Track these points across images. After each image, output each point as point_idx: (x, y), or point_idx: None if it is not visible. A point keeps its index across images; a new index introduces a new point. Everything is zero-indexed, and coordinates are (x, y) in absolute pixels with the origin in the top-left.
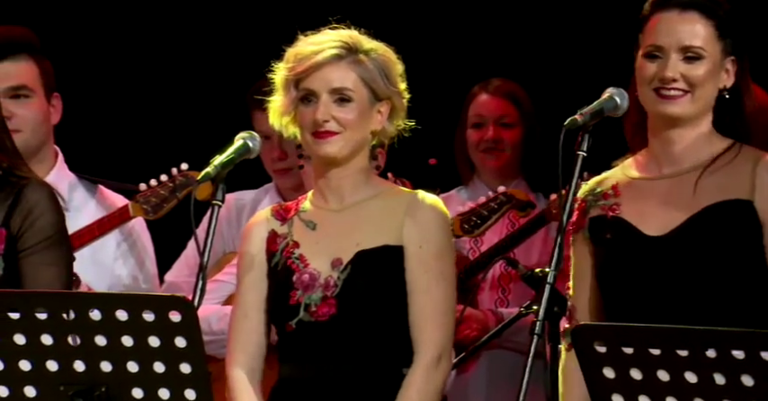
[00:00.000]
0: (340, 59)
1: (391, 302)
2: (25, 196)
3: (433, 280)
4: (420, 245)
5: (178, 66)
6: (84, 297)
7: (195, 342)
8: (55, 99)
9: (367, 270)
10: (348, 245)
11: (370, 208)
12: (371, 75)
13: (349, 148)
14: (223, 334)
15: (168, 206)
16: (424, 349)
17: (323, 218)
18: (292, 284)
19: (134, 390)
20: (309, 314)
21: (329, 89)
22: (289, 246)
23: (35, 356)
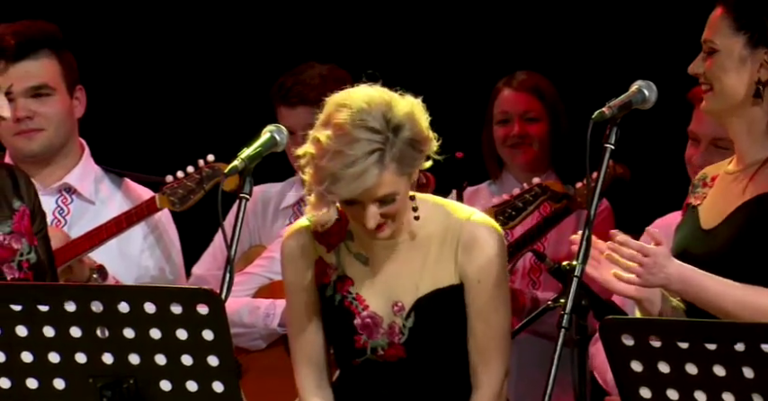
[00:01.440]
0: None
1: (457, 339)
2: (22, 178)
3: (492, 308)
4: (479, 279)
5: (206, 59)
6: (113, 289)
7: (223, 334)
8: (78, 92)
9: (431, 315)
10: (406, 287)
11: (421, 239)
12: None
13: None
14: (254, 327)
15: (195, 198)
16: (488, 379)
17: (374, 251)
18: (354, 328)
19: (162, 383)
20: (376, 356)
21: (373, 199)
22: (341, 282)
23: (64, 348)
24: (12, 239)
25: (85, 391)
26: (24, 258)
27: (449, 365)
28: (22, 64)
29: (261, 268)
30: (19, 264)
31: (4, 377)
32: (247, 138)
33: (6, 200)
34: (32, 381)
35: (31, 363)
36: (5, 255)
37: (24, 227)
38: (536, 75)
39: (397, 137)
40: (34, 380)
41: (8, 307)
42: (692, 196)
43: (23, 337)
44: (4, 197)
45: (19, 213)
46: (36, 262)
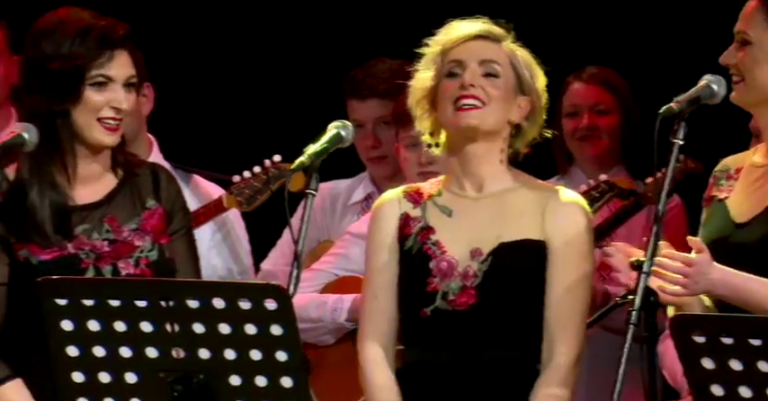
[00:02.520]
0: (493, 39)
1: (530, 295)
2: (164, 178)
3: (576, 279)
4: (566, 242)
5: (273, 57)
6: (183, 285)
7: (291, 330)
8: (147, 89)
9: (508, 262)
10: (488, 235)
11: (509, 199)
12: (520, 64)
13: (489, 124)
14: (321, 322)
15: (262, 198)
16: (564, 350)
17: (460, 205)
18: (429, 271)
19: (231, 377)
20: (447, 302)
21: (479, 60)
22: (424, 231)
23: (135, 343)
24: (135, 236)
25: (156, 385)
26: (144, 255)
27: (519, 322)
28: None
29: (328, 264)
30: (137, 261)
31: (77, 371)
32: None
33: (141, 197)
34: (105, 375)
35: (103, 357)
36: (124, 251)
37: (152, 226)
38: (606, 68)
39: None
40: (107, 374)
41: (81, 302)
42: (715, 189)
43: (96, 332)
44: (139, 195)
45: (150, 212)
46: (156, 261)
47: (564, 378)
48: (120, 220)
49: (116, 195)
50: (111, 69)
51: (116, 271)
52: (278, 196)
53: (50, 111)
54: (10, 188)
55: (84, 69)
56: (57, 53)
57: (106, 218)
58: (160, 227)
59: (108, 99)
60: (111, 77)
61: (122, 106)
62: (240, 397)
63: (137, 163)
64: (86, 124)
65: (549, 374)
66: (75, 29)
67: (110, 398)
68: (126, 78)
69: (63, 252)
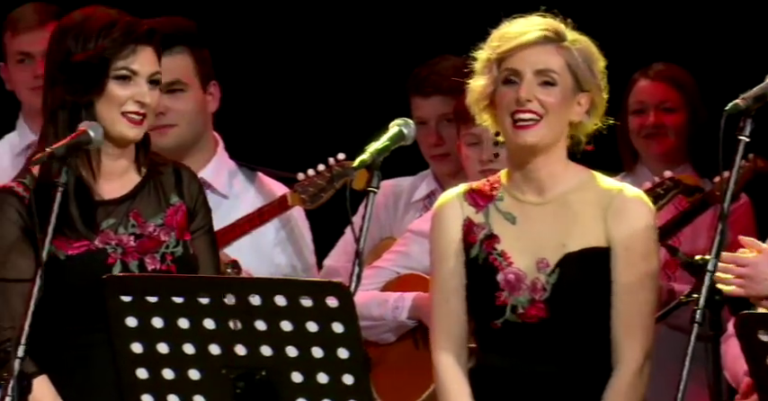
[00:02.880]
0: (547, 42)
1: (599, 304)
2: (186, 176)
3: (638, 281)
4: (627, 246)
5: (337, 55)
6: (245, 282)
7: (352, 327)
8: (212, 87)
9: (575, 273)
10: (552, 244)
11: (571, 202)
12: (577, 63)
13: (550, 136)
14: (382, 320)
15: (326, 196)
16: (631, 355)
17: (523, 211)
18: (497, 284)
19: (293, 374)
20: (516, 315)
21: (534, 70)
22: (488, 239)
23: (198, 340)
24: (161, 231)
25: (219, 382)
26: (170, 250)
27: (590, 332)
28: None
29: (389, 262)
30: (162, 256)
31: (141, 367)
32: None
33: (165, 194)
34: (169, 372)
35: (167, 354)
36: (150, 246)
37: (176, 222)
38: (673, 65)
39: (573, 45)
40: (170, 371)
41: (145, 299)
42: None
43: (160, 329)
44: (163, 191)
45: (174, 208)
46: (181, 256)
47: (632, 384)
48: (144, 216)
49: (140, 191)
50: (136, 63)
51: (142, 266)
52: (341, 194)
53: (75, 104)
54: (36, 183)
55: (108, 61)
56: (82, 46)
57: (131, 213)
58: (183, 224)
59: (132, 93)
60: (135, 71)
61: (146, 100)
62: (302, 394)
63: (160, 161)
64: (110, 117)
65: (617, 380)
66: (101, 23)
67: (173, 395)
68: (150, 74)
69: (90, 246)
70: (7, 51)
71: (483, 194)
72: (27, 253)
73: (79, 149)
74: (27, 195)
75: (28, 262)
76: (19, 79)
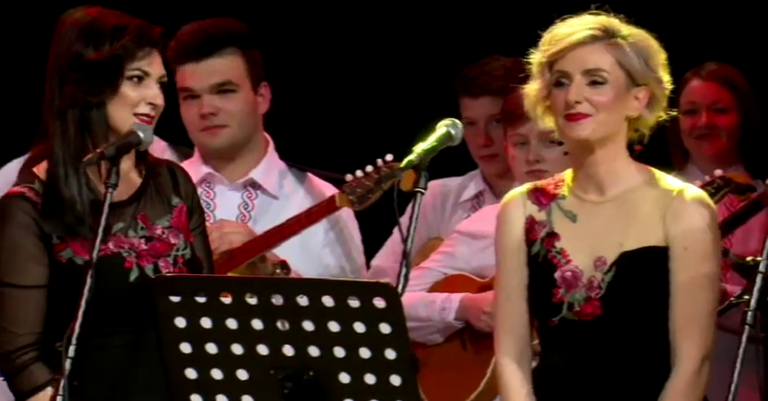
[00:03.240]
0: (595, 41)
1: (656, 304)
2: (181, 176)
3: (697, 282)
4: (685, 247)
5: (386, 56)
6: (292, 283)
7: (400, 328)
8: (263, 88)
9: (631, 272)
10: (610, 243)
11: (632, 201)
12: (628, 58)
13: (601, 132)
14: (430, 321)
15: (374, 197)
16: (688, 356)
17: (584, 209)
18: (554, 281)
19: (341, 375)
20: (573, 313)
21: (583, 70)
22: (549, 237)
23: (247, 340)
24: (170, 234)
25: (267, 382)
26: (180, 253)
27: (645, 332)
28: (207, 61)
29: (436, 263)
30: (174, 259)
31: (190, 367)
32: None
33: (166, 196)
34: (217, 372)
35: (215, 354)
36: (163, 249)
37: (182, 224)
38: (726, 65)
39: (625, 40)
40: (219, 371)
41: (193, 299)
42: None
43: (208, 329)
44: (163, 192)
45: (177, 209)
46: (190, 259)
47: (690, 385)
48: (151, 218)
49: (143, 193)
50: (148, 65)
51: (157, 270)
52: (389, 195)
53: (85, 103)
54: (44, 184)
55: (123, 62)
56: (95, 46)
57: (138, 215)
58: (187, 225)
59: (143, 95)
60: (147, 73)
61: (157, 102)
62: (349, 395)
63: (155, 161)
64: (122, 118)
65: (675, 381)
66: (112, 23)
67: (222, 395)
68: (160, 76)
69: (106, 250)
70: None
71: (546, 193)
72: (41, 259)
73: (128, 150)
74: (39, 200)
75: (42, 268)
76: None
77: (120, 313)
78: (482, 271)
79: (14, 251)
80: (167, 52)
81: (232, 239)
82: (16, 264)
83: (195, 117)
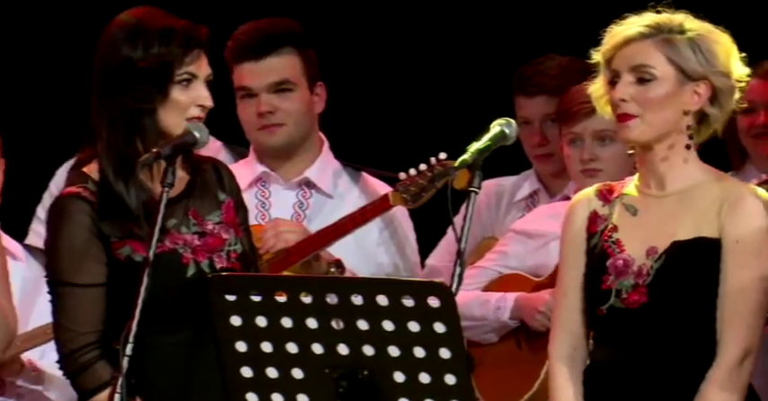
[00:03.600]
0: (645, 38)
1: (703, 295)
2: (225, 172)
3: (748, 277)
4: (737, 239)
5: (439, 54)
6: (347, 282)
7: (454, 327)
8: (319, 88)
9: (681, 261)
10: (664, 234)
11: (691, 196)
12: (681, 53)
13: (651, 133)
14: (484, 320)
15: (427, 195)
16: (729, 348)
17: (644, 203)
18: (606, 269)
19: (395, 374)
20: (620, 300)
21: (629, 67)
22: (607, 229)
23: (301, 339)
24: (221, 229)
25: (322, 381)
26: (232, 248)
27: (691, 322)
28: (265, 60)
29: (491, 262)
30: (228, 254)
31: (246, 366)
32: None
33: (213, 192)
34: (272, 370)
35: (270, 353)
36: (216, 244)
37: (231, 219)
38: None
39: (682, 35)
40: (274, 370)
41: (249, 298)
42: None
43: (263, 328)
44: (210, 189)
45: (225, 205)
46: (242, 253)
47: (727, 377)
48: (202, 214)
49: (192, 190)
50: (197, 68)
51: (212, 265)
52: (444, 194)
53: (137, 110)
54: (98, 185)
55: (172, 67)
56: (143, 51)
57: (189, 211)
58: (235, 220)
59: (193, 98)
60: (195, 75)
61: (207, 104)
62: (404, 394)
63: (199, 158)
64: (174, 123)
65: (713, 372)
66: (158, 26)
67: (277, 394)
68: (207, 76)
69: (164, 247)
70: None
71: (612, 190)
72: (99, 257)
73: (184, 150)
74: (94, 200)
75: (100, 267)
76: None
77: (178, 310)
78: (537, 270)
79: (73, 250)
80: (224, 52)
81: (287, 238)
82: (75, 264)
83: (253, 116)
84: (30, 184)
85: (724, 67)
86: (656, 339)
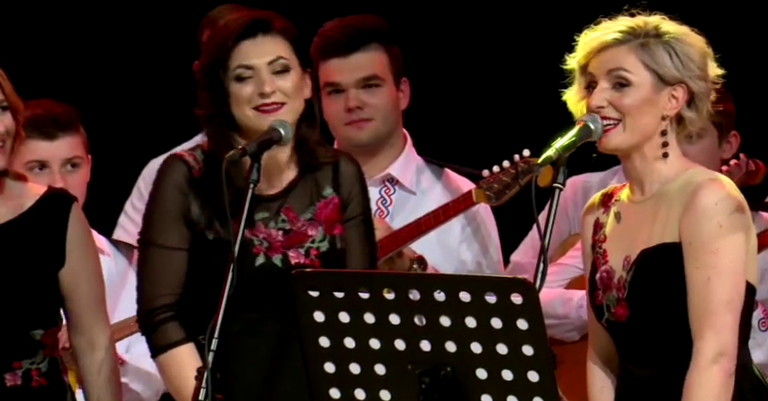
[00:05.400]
0: (621, 43)
1: (677, 301)
2: (346, 168)
3: (705, 277)
4: (690, 241)
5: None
6: (429, 278)
7: (537, 324)
8: (403, 84)
9: (648, 271)
10: (637, 242)
11: (662, 199)
12: (656, 58)
13: (632, 139)
14: (567, 318)
15: (510, 193)
16: (700, 350)
17: (626, 210)
18: (596, 283)
19: (478, 371)
20: (611, 314)
21: (605, 72)
22: (600, 239)
23: (384, 335)
24: (309, 226)
25: (405, 377)
26: (315, 245)
27: (675, 332)
28: (353, 56)
29: (574, 259)
30: (307, 250)
31: (329, 361)
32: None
33: (318, 187)
34: (355, 366)
35: (353, 349)
36: (296, 240)
37: (325, 216)
38: None
39: (658, 39)
40: (357, 365)
41: (332, 294)
42: None
43: (346, 323)
44: (316, 184)
45: (325, 201)
46: (326, 252)
47: (699, 383)
48: (296, 211)
49: (295, 186)
50: (248, 59)
51: (286, 259)
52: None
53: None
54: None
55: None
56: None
57: (283, 208)
58: (334, 217)
59: (253, 89)
60: (250, 66)
61: (266, 90)
62: (487, 391)
63: (325, 154)
64: (245, 116)
65: (687, 377)
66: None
67: (360, 389)
68: (268, 62)
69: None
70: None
71: (611, 196)
72: (185, 223)
73: (269, 146)
74: (197, 167)
75: (187, 232)
76: None
77: (244, 296)
78: None
79: (163, 213)
80: (310, 48)
81: None
82: (165, 225)
83: (340, 111)
84: (117, 180)
85: (700, 71)
86: (646, 349)
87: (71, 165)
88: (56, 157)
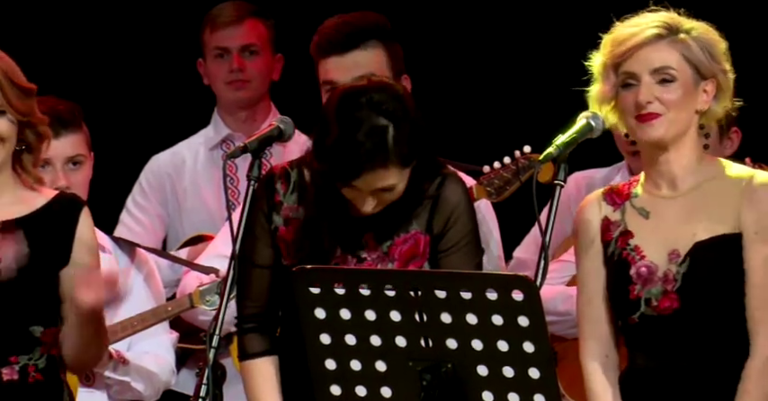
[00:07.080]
0: (660, 39)
1: (733, 293)
2: (447, 203)
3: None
4: (756, 231)
5: (522, 47)
6: (430, 275)
7: (538, 321)
8: (404, 81)
9: (706, 262)
10: (684, 235)
11: (704, 193)
12: (694, 53)
13: (674, 130)
14: (568, 315)
15: (511, 189)
16: (761, 341)
17: (656, 205)
18: (630, 278)
19: (479, 367)
20: (651, 308)
21: (651, 70)
22: (623, 236)
23: (385, 332)
24: (380, 260)
25: (405, 374)
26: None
27: (727, 322)
28: (351, 54)
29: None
30: None
31: (330, 358)
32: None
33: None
34: (356, 363)
35: (354, 346)
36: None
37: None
38: None
39: (689, 35)
40: (357, 362)
41: (333, 291)
42: None
43: (347, 320)
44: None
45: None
46: None
47: (762, 372)
48: (376, 239)
49: (385, 214)
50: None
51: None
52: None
53: None
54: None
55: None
56: None
57: (365, 235)
58: (410, 254)
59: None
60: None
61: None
62: (488, 388)
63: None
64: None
65: (747, 369)
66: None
67: (361, 386)
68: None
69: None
70: (206, 47)
71: (620, 193)
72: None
73: (270, 143)
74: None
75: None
76: (216, 74)
77: None
78: None
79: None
80: (310, 46)
81: None
82: (252, 244)
83: None
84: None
85: (726, 65)
86: (692, 343)
87: (74, 163)
88: (59, 155)
